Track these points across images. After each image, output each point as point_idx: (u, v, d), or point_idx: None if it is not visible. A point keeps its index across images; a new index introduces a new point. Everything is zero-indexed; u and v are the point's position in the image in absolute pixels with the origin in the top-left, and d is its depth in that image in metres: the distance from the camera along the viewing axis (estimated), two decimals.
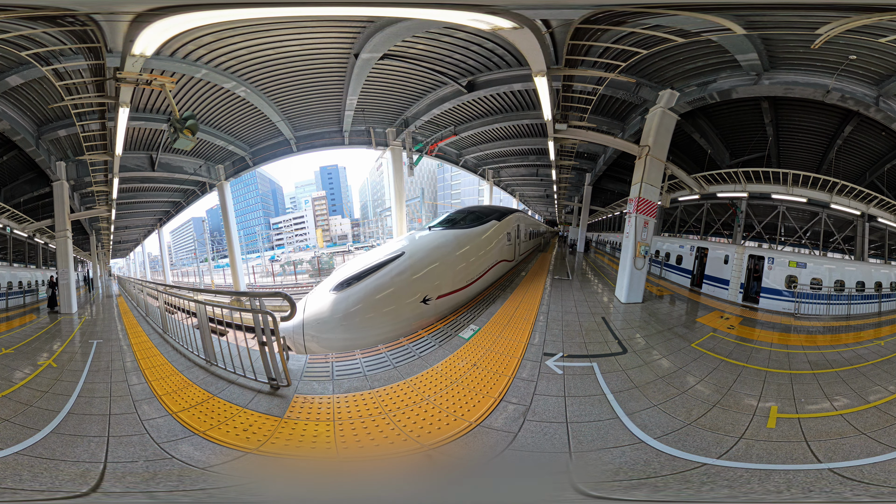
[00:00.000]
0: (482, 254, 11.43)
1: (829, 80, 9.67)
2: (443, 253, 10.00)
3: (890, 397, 5.64)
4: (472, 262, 10.74)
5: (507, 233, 13.50)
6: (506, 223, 13.53)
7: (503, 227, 13.24)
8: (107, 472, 3.92)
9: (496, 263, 12.36)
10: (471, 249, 10.94)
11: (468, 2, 6.06)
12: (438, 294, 9.06)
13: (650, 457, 4.29)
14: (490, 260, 11.82)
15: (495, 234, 12.47)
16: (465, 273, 10.25)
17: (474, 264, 10.77)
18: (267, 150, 19.76)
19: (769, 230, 13.01)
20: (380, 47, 11.47)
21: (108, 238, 25.12)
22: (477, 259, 11.03)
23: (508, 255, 13.98)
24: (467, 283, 10.21)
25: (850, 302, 11.04)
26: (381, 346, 7.26)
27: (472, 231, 11.72)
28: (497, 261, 12.44)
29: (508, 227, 13.82)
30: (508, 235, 13.68)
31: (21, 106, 11.43)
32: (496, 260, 12.33)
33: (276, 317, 5.21)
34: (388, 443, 4.44)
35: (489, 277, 11.84)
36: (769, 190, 12.40)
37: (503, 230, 13.15)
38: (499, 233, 12.69)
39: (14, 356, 7.67)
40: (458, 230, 11.41)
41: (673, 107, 10.93)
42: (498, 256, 12.57)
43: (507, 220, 13.80)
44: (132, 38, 6.33)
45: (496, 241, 12.50)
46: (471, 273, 10.43)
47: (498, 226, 12.82)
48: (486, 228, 12.18)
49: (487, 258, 11.66)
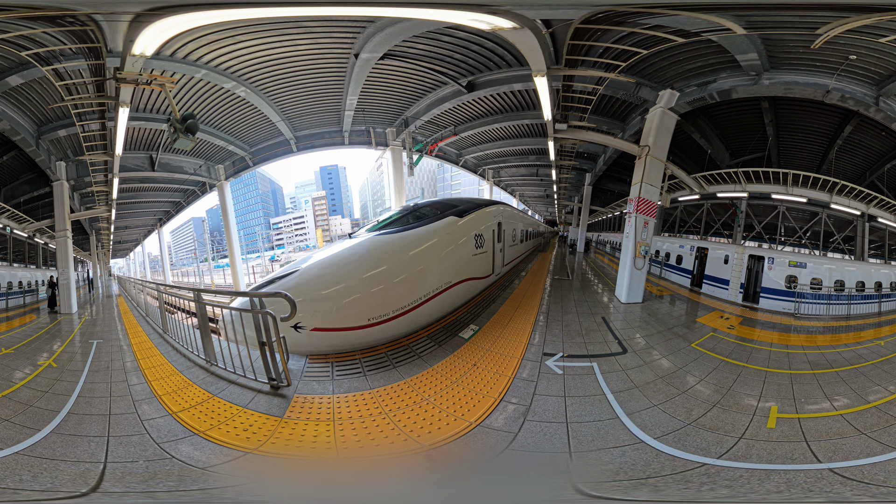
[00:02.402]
0: (419, 270, 7.87)
1: (829, 80, 9.67)
2: (342, 272, 7.24)
3: (890, 397, 5.64)
4: (398, 283, 7.43)
5: (474, 235, 9.62)
6: (473, 221, 9.65)
7: (467, 227, 9.38)
8: (107, 472, 3.92)
9: (451, 285, 8.52)
10: (396, 265, 7.65)
11: (468, 1, 6.07)
12: (318, 326, 6.62)
13: (650, 457, 4.29)
14: (436, 279, 8.10)
15: (450, 239, 8.78)
16: (376, 303, 7.05)
17: (400, 287, 7.42)
18: (267, 150, 19.76)
19: (769, 230, 13.01)
20: (380, 47, 11.47)
21: (108, 238, 25.11)
22: (408, 279, 7.61)
23: (480, 268, 10.04)
24: (382, 317, 7.06)
25: (850, 302, 11.04)
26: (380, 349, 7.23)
27: (405, 236, 8.25)
28: (454, 281, 8.62)
29: (478, 226, 9.89)
30: (479, 239, 9.81)
31: (21, 106, 11.43)
32: (452, 279, 8.54)
33: (276, 317, 5.21)
34: (388, 443, 4.44)
35: (436, 307, 8.11)
36: (769, 190, 12.40)
37: (467, 232, 9.35)
38: (456, 236, 9.01)
39: (14, 356, 7.67)
40: (385, 235, 8.32)
41: (673, 107, 10.93)
42: (456, 273, 8.73)
43: (476, 216, 9.91)
44: (132, 38, 6.32)
45: (452, 248, 8.83)
46: (390, 302, 7.19)
47: (456, 226, 9.03)
48: (429, 232, 8.47)
49: (431, 277, 7.99)
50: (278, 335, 5.31)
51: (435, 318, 8.28)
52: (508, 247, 13.20)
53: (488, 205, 11.47)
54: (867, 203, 11.64)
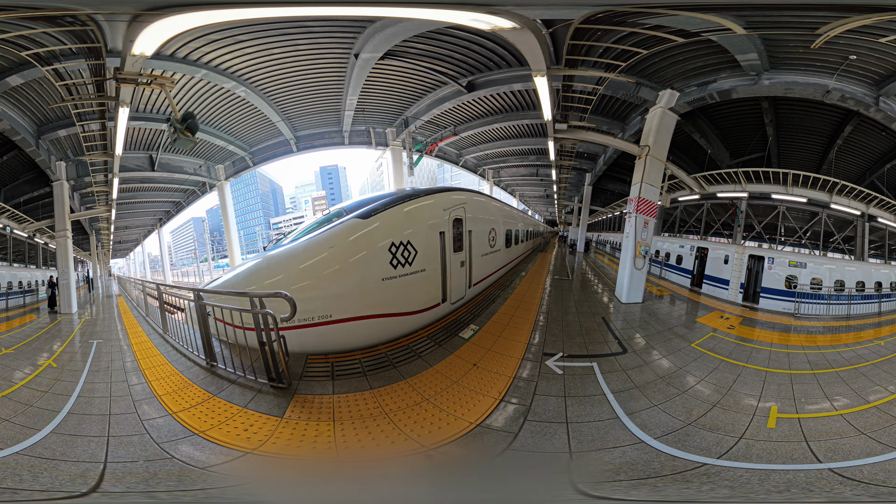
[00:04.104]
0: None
1: (829, 80, 9.67)
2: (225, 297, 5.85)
3: (890, 397, 5.64)
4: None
5: (391, 245, 6.59)
6: (390, 223, 6.79)
7: (376, 234, 6.57)
8: (107, 472, 3.91)
9: (328, 321, 6.13)
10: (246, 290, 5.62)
11: (468, 1, 6.06)
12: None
13: (650, 457, 4.29)
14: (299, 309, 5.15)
15: (335, 255, 6.32)
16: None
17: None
18: (267, 150, 19.76)
19: (769, 230, 13.01)
20: (380, 47, 11.47)
21: (108, 238, 25.11)
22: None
23: (406, 297, 6.85)
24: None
25: (850, 302, 11.04)
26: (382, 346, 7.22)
27: (278, 254, 6.69)
28: (337, 317, 6.13)
29: (401, 230, 6.87)
30: (402, 251, 6.69)
31: (21, 106, 11.43)
32: (332, 313, 6.04)
33: (276, 317, 5.20)
34: (389, 443, 4.44)
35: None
36: (769, 190, 12.40)
37: (373, 241, 6.52)
38: (349, 249, 6.42)
39: (14, 356, 7.66)
40: (272, 250, 6.88)
41: (673, 107, 10.93)
42: (337, 305, 6.09)
43: (395, 215, 6.96)
44: (132, 38, 6.32)
45: (335, 269, 6.29)
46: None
47: (355, 235, 6.47)
48: (308, 247, 6.52)
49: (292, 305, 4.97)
50: (278, 335, 5.31)
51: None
52: (481, 256, 9.23)
53: (431, 194, 7.90)
54: (867, 203, 11.64)
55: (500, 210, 13.34)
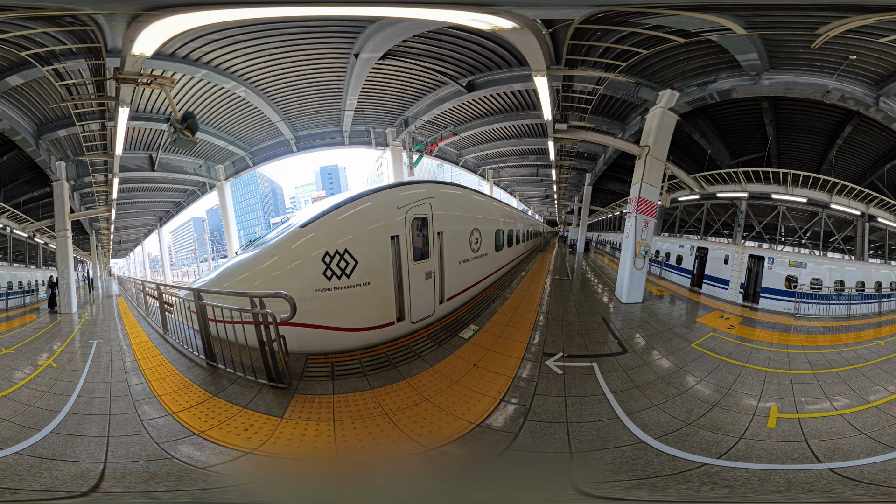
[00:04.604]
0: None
1: (829, 80, 9.67)
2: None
3: (890, 397, 5.64)
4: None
5: (324, 255, 6.18)
6: (327, 230, 6.44)
7: (309, 244, 6.32)
8: (106, 472, 3.91)
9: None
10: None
11: (468, 1, 6.06)
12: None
13: (650, 457, 4.29)
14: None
15: (264, 269, 6.26)
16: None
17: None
18: (267, 150, 19.78)
19: (769, 230, 13.01)
20: (380, 47, 11.47)
21: (108, 238, 25.11)
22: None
23: (344, 313, 6.38)
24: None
25: (850, 302, 11.04)
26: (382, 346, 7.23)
27: (220, 273, 6.77)
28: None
29: (337, 236, 6.35)
30: (339, 261, 6.20)
31: (21, 106, 11.43)
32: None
33: (276, 317, 5.20)
34: (389, 443, 4.44)
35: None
36: (769, 190, 12.40)
37: (305, 252, 6.27)
38: (274, 263, 6.31)
39: (14, 356, 7.66)
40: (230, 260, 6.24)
41: (673, 107, 10.93)
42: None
43: (329, 223, 6.53)
44: (132, 38, 6.32)
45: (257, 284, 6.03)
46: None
47: (289, 246, 6.33)
48: (241, 264, 6.56)
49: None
50: (278, 335, 5.31)
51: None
52: (459, 263, 7.95)
53: (377, 192, 6.88)
54: (867, 203, 11.64)
55: (488, 206, 11.37)
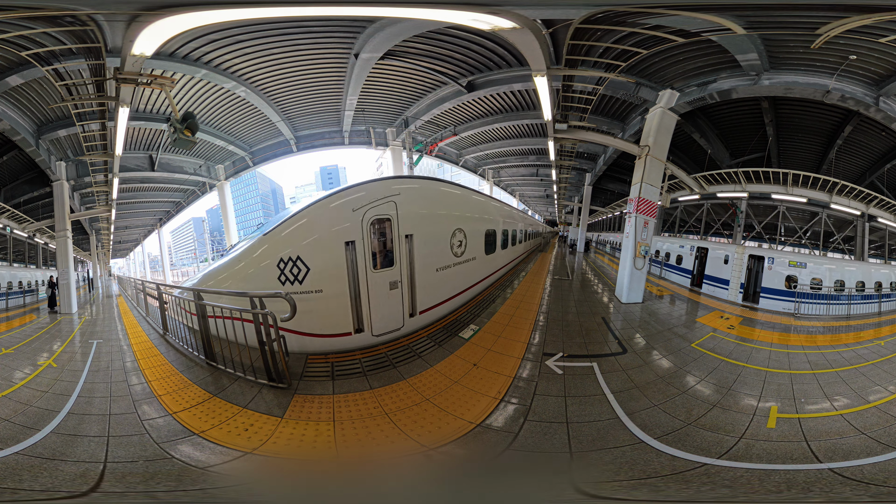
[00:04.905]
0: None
1: (829, 80, 9.67)
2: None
3: (890, 397, 5.64)
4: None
5: (279, 262, 6.27)
6: (280, 238, 6.47)
7: (267, 252, 6.44)
8: (106, 472, 3.91)
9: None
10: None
11: (468, 1, 6.06)
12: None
13: (650, 457, 4.29)
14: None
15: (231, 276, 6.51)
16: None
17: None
18: (267, 150, 19.78)
19: (769, 230, 13.02)
20: (380, 47, 11.47)
21: (108, 238, 25.13)
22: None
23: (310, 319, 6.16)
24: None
25: (850, 302, 11.04)
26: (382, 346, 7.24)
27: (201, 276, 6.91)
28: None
29: (287, 244, 6.39)
30: (290, 268, 6.25)
31: (21, 106, 11.43)
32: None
33: (276, 317, 5.20)
34: (389, 443, 4.44)
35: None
36: (769, 190, 12.41)
37: (261, 261, 6.46)
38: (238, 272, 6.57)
39: (14, 356, 7.66)
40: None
41: (673, 107, 10.93)
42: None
43: (278, 233, 6.54)
44: (132, 38, 6.32)
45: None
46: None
47: (254, 252, 6.57)
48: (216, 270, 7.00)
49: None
50: (278, 335, 5.31)
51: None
52: (437, 270, 7.49)
53: (341, 192, 6.66)
54: (867, 203, 11.65)
55: (475, 203, 9.94)
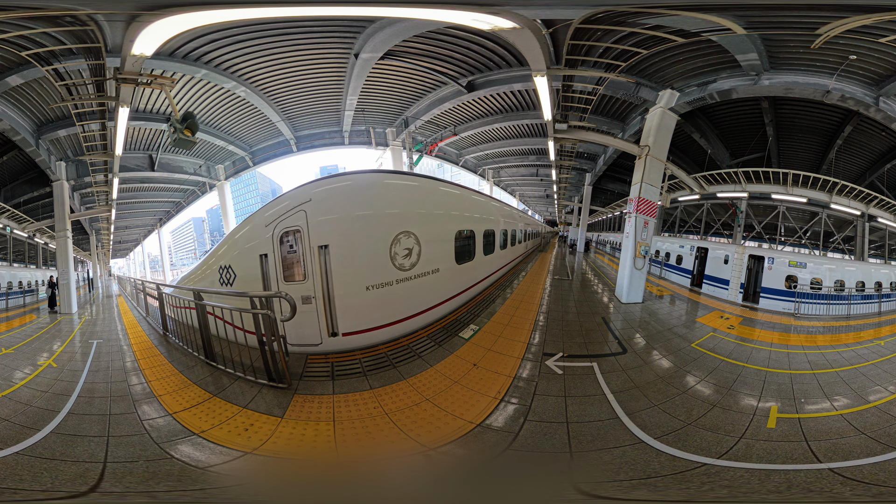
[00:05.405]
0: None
1: (829, 80, 9.67)
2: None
3: (890, 397, 5.64)
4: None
5: (221, 267, 7.13)
6: (233, 241, 7.31)
7: (219, 256, 7.36)
8: (106, 472, 3.91)
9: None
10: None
11: (468, 1, 6.06)
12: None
13: (650, 457, 4.29)
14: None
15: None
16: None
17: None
18: (267, 150, 19.80)
19: (769, 230, 13.02)
20: (380, 47, 11.48)
21: (108, 238, 25.13)
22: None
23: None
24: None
25: (850, 302, 11.04)
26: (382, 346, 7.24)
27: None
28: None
29: (234, 249, 7.10)
30: (223, 278, 6.99)
31: (21, 106, 11.44)
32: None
33: (276, 317, 5.20)
34: (389, 443, 4.44)
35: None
36: (769, 190, 12.41)
37: (215, 265, 7.35)
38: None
39: (14, 356, 7.66)
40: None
41: (673, 107, 10.94)
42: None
43: (231, 239, 7.35)
44: (132, 38, 6.32)
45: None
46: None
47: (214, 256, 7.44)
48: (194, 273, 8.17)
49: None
50: (278, 335, 5.31)
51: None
52: (368, 289, 6.39)
53: (264, 206, 6.86)
54: (867, 203, 11.65)
55: (440, 198, 8.32)
